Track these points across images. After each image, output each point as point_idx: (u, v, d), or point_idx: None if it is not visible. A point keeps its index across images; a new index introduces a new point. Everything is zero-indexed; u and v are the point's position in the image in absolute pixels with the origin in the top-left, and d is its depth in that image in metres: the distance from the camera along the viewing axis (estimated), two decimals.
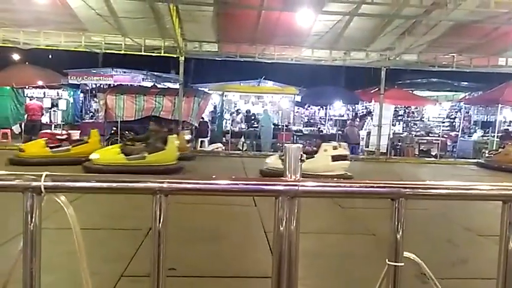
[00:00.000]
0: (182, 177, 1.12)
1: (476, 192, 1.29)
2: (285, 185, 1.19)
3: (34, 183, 1.12)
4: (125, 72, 19.14)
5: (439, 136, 15.84)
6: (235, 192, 1.17)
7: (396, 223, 1.20)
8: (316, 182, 1.21)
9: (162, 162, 9.15)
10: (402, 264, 1.20)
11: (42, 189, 1.12)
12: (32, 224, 1.14)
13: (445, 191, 1.25)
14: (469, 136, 17.18)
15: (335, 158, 9.21)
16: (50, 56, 16.87)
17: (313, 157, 9.21)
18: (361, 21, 11.91)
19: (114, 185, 1.17)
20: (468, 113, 19.12)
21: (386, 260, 1.21)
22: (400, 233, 1.20)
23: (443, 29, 12.20)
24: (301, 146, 1.25)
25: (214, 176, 1.16)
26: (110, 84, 18.04)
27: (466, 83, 19.07)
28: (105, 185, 1.16)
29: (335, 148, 9.44)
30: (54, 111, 16.47)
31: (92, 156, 8.94)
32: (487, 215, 5.27)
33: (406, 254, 1.22)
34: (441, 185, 1.25)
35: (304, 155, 1.25)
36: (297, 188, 1.18)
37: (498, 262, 1.24)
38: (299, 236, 1.22)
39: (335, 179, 1.22)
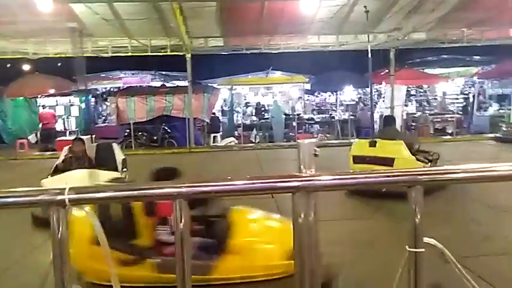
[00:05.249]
0: (199, 180, 1.15)
1: (494, 174, 1.28)
2: (301, 181, 1.20)
3: (59, 197, 1.16)
4: (133, 73, 19.28)
5: (453, 113, 15.58)
6: (253, 191, 1.19)
7: (414, 210, 1.20)
8: (332, 175, 1.22)
9: None
10: (423, 250, 1.21)
11: (67, 202, 1.16)
12: (59, 236, 1.18)
13: (461, 174, 1.24)
14: (484, 111, 16.84)
15: None
16: (59, 64, 17.10)
17: None
18: (366, 4, 11.73)
19: (136, 192, 1.20)
20: (482, 87, 18.72)
21: (407, 246, 1.22)
22: (419, 219, 1.20)
23: (451, 4, 11.95)
24: (314, 140, 1.26)
25: (229, 177, 1.18)
26: (119, 87, 18.23)
27: (478, 57, 18.62)
28: (127, 193, 1.20)
29: None
30: (67, 117, 16.72)
31: None
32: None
33: (425, 239, 1.23)
34: (457, 169, 1.25)
35: (318, 149, 1.26)
36: (313, 182, 1.20)
37: None
38: (318, 227, 1.24)
39: (350, 171, 1.23)
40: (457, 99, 18.61)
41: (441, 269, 1.60)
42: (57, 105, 17.03)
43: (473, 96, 17.81)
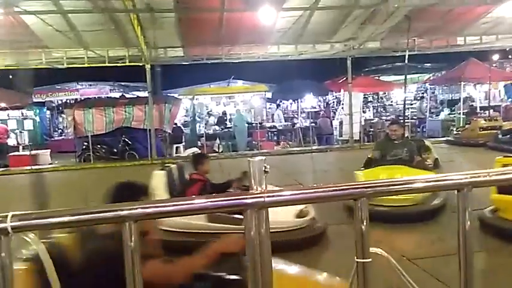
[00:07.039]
0: (148, 202, 1.15)
1: (435, 184, 1.35)
2: (252, 198, 1.22)
3: (0, 225, 1.11)
4: (90, 85, 18.77)
5: (408, 118, 16.23)
6: (203, 211, 1.20)
7: (360, 221, 1.25)
8: (281, 191, 1.25)
9: None
10: (370, 260, 1.26)
11: (9, 230, 1.11)
12: (2, 266, 1.13)
13: (405, 186, 1.30)
14: (436, 116, 17.69)
15: None
16: (11, 76, 16.33)
17: None
18: (322, 14, 12.09)
19: (84, 217, 1.17)
20: (434, 93, 19.69)
21: (355, 257, 1.27)
22: (365, 230, 1.25)
23: (402, 15, 12.53)
24: (264, 158, 1.29)
25: (180, 197, 1.18)
26: (76, 99, 17.67)
27: (429, 65, 19.62)
28: (74, 218, 1.16)
29: None
30: (20, 132, 15.96)
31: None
32: None
33: (372, 249, 1.28)
34: (402, 181, 1.31)
35: (268, 166, 1.29)
36: (263, 199, 1.22)
37: (458, 245, 1.30)
38: (270, 241, 1.26)
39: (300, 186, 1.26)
40: (411, 104, 19.43)
41: None
42: (9, 119, 16.23)
43: (426, 101, 18.66)
